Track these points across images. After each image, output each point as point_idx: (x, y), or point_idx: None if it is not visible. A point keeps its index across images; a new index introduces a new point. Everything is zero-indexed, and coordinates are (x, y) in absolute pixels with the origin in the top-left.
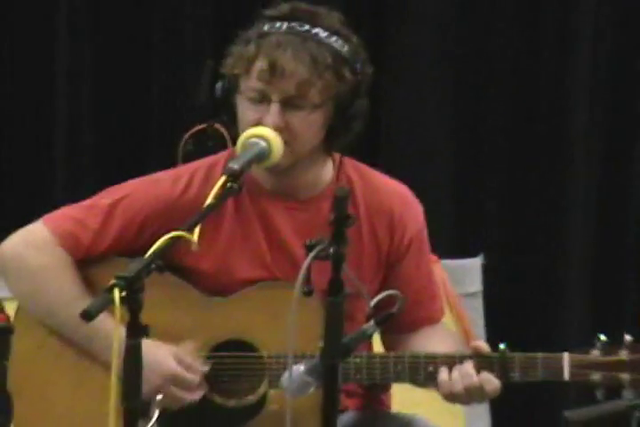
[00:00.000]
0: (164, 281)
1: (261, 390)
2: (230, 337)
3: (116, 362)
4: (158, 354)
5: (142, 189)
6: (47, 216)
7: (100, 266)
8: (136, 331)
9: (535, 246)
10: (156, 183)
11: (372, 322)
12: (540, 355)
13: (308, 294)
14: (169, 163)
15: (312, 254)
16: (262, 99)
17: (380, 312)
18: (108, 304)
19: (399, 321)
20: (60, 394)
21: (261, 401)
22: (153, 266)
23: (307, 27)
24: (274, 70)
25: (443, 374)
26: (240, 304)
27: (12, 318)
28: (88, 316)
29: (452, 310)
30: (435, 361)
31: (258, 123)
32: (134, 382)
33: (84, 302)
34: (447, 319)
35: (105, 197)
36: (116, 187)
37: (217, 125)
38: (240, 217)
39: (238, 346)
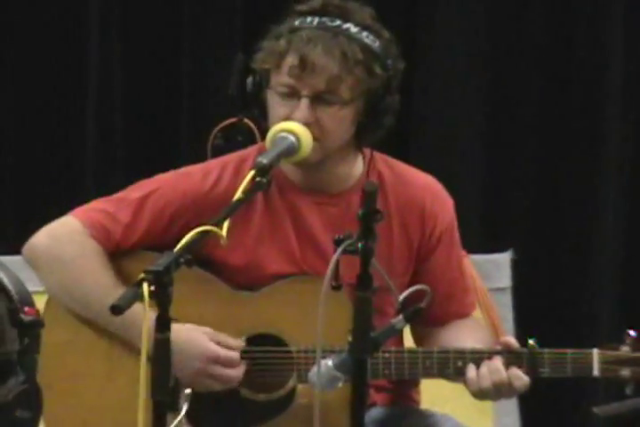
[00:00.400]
0: (192, 275)
1: (290, 384)
2: (258, 331)
3: (144, 356)
4: (193, 336)
5: (172, 183)
6: (77, 209)
7: (129, 260)
8: (165, 325)
9: (565, 241)
10: (186, 177)
11: (400, 317)
12: (569, 351)
13: (337, 288)
14: (199, 157)
15: (340, 249)
16: (292, 94)
17: (410, 306)
18: (137, 298)
19: (430, 314)
20: (91, 387)
21: (290, 396)
22: (182, 260)
23: (338, 22)
24: (304, 66)
25: (471, 371)
26: (269, 299)
27: (41, 312)
28: (117, 310)
29: (482, 306)
30: (463, 356)
31: (288, 118)
32: (164, 375)
33: (119, 292)
34: (476, 314)
35: (135, 191)
36: (146, 181)
37: (246, 120)
38: (270, 212)
39: (267, 340)
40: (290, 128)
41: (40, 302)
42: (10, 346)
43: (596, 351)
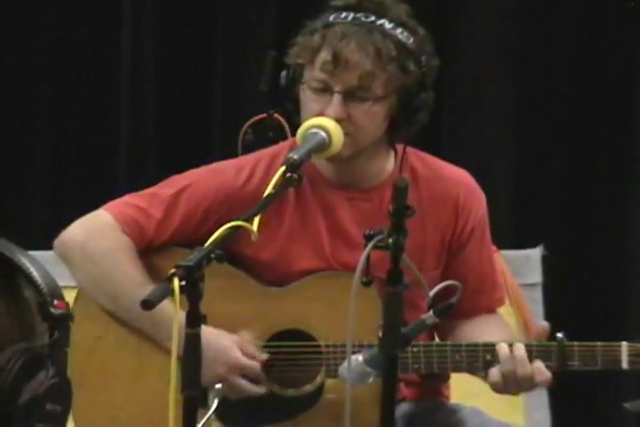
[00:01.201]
0: (221, 272)
1: (319, 379)
2: (288, 327)
3: (175, 351)
4: (221, 342)
5: (205, 178)
6: (110, 204)
7: (160, 256)
8: (196, 320)
9: (596, 237)
10: (218, 173)
11: (430, 312)
12: (598, 344)
13: (367, 284)
14: (229, 153)
15: (371, 244)
16: (325, 89)
17: (440, 301)
18: (167, 293)
19: (458, 307)
20: (120, 384)
21: (319, 391)
22: (213, 256)
23: (372, 18)
24: (337, 61)
25: (503, 349)
26: (298, 294)
27: (71, 306)
28: (148, 305)
29: (512, 301)
30: (492, 349)
31: (320, 113)
32: (194, 370)
33: (149, 288)
34: (507, 309)
35: (168, 187)
36: (179, 176)
37: (276, 115)
38: (301, 207)
39: (296, 336)
40: (321, 124)
41: (70, 298)
42: (40, 340)
43: (625, 344)
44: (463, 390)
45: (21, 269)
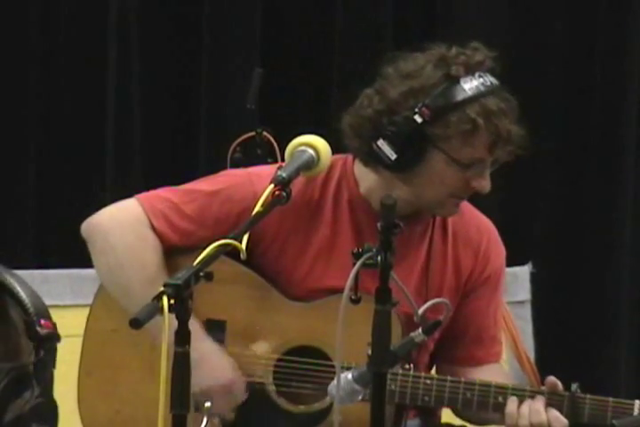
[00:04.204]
0: (249, 280)
1: (328, 399)
2: (305, 343)
3: (164, 369)
4: (222, 360)
5: (243, 182)
6: (143, 195)
7: (187, 256)
8: (185, 339)
9: (584, 255)
10: (258, 178)
11: (419, 330)
12: (611, 399)
13: (356, 301)
14: (216, 169)
15: (360, 262)
16: None
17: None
18: (156, 312)
19: (456, 355)
20: (129, 379)
21: (327, 409)
22: (202, 274)
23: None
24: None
25: (512, 404)
26: (320, 312)
27: (61, 327)
28: (136, 324)
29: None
30: (505, 392)
31: None
32: (182, 389)
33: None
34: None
35: (205, 184)
36: (218, 175)
37: (265, 133)
38: (336, 227)
39: (312, 353)
40: (309, 142)
41: (58, 316)
42: (25, 358)
43: (638, 403)
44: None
45: (8, 288)
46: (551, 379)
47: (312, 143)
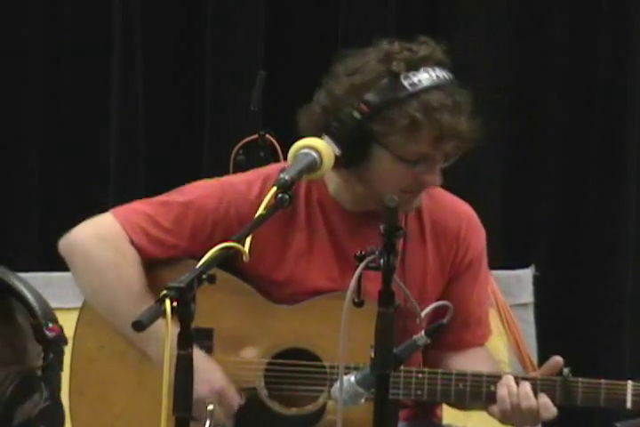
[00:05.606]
0: (232, 286)
1: (321, 400)
2: (293, 346)
3: (167, 372)
4: (209, 366)
5: (216, 190)
6: (117, 209)
7: (171, 269)
8: (187, 342)
9: (587, 257)
10: (230, 186)
11: (421, 333)
12: (603, 381)
13: (359, 304)
14: (219, 172)
15: (362, 265)
16: None
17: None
18: (159, 315)
19: (443, 339)
20: (120, 395)
21: (320, 412)
22: (204, 277)
23: None
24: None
25: (503, 389)
26: (305, 314)
27: (64, 329)
28: (139, 326)
29: (504, 322)
30: (496, 381)
31: None
32: (185, 392)
33: (148, 303)
34: (498, 329)
35: (178, 195)
36: (190, 186)
37: (268, 136)
38: (311, 229)
39: (301, 355)
40: (312, 144)
41: (63, 319)
42: (34, 362)
43: (630, 383)
44: (456, 411)
45: (15, 291)
46: (555, 359)
47: (315, 146)
